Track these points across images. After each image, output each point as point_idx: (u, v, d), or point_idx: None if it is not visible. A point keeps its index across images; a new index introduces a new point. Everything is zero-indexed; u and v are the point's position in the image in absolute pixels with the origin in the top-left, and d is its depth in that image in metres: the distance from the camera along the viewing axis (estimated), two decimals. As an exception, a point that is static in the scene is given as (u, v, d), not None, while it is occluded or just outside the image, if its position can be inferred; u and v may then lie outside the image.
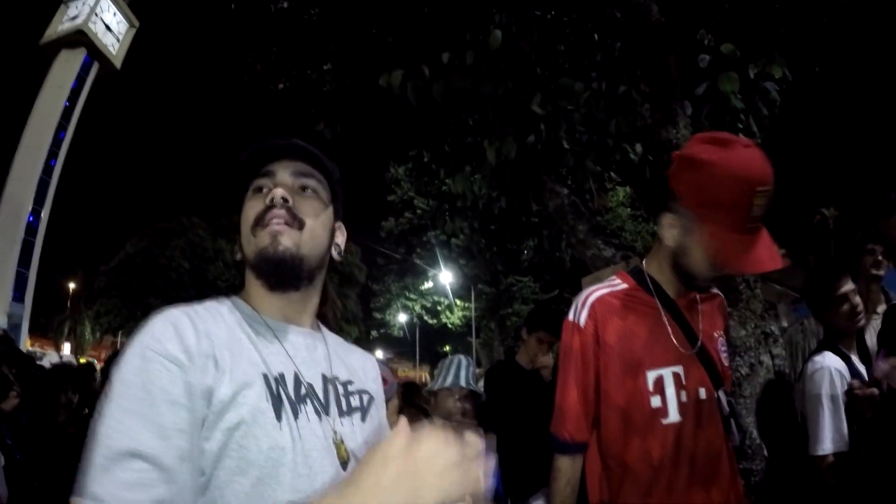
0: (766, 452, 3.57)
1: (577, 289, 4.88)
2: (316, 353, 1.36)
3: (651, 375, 1.96)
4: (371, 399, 1.42)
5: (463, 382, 2.85)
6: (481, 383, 4.16)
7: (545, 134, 5.11)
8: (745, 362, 3.69)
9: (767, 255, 1.84)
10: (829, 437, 2.82)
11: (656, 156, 4.78)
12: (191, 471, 1.06)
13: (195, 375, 1.10)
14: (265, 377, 1.19)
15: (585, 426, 2.03)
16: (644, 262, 2.12)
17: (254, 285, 1.35)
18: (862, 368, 3.01)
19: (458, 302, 31.65)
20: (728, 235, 1.82)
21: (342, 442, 1.26)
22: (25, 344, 46.69)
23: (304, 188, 1.36)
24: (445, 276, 28.29)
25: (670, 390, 1.96)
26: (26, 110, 61.66)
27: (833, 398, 2.86)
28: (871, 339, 3.22)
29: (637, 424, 1.96)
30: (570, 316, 2.07)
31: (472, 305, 29.04)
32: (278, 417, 1.16)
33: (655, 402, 1.95)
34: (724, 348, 2.11)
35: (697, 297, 2.09)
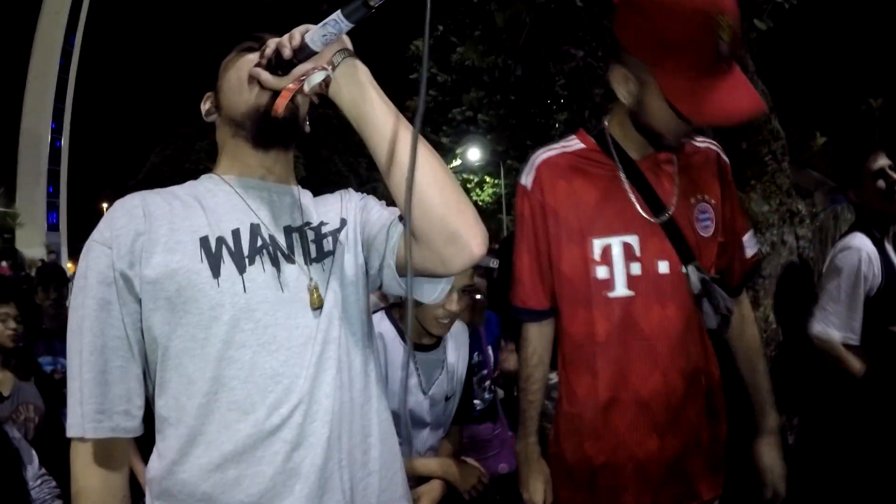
0: (782, 338, 3.44)
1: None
2: (283, 204, 1.36)
3: (597, 244, 1.79)
4: (345, 231, 1.39)
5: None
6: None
7: (558, -8, 4.82)
8: (766, 240, 3.46)
9: (745, 95, 1.57)
10: (835, 324, 2.65)
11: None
12: (129, 340, 1.21)
13: (119, 252, 1.20)
14: (203, 239, 1.22)
15: (542, 292, 1.90)
16: (606, 120, 1.89)
17: (233, 144, 1.36)
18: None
19: (488, 179, 31.45)
20: (689, 79, 1.55)
21: (316, 288, 1.27)
22: (68, 270, 47.92)
23: None
24: (473, 154, 27.94)
25: (618, 261, 1.77)
26: (28, 41, 60.90)
27: (855, 282, 2.65)
28: None
29: (581, 295, 1.81)
30: (521, 178, 1.92)
31: (502, 182, 28.80)
32: (215, 274, 1.19)
33: (601, 272, 1.78)
34: (704, 216, 1.85)
35: (673, 157, 1.84)
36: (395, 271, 1.31)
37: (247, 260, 1.23)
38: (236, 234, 1.25)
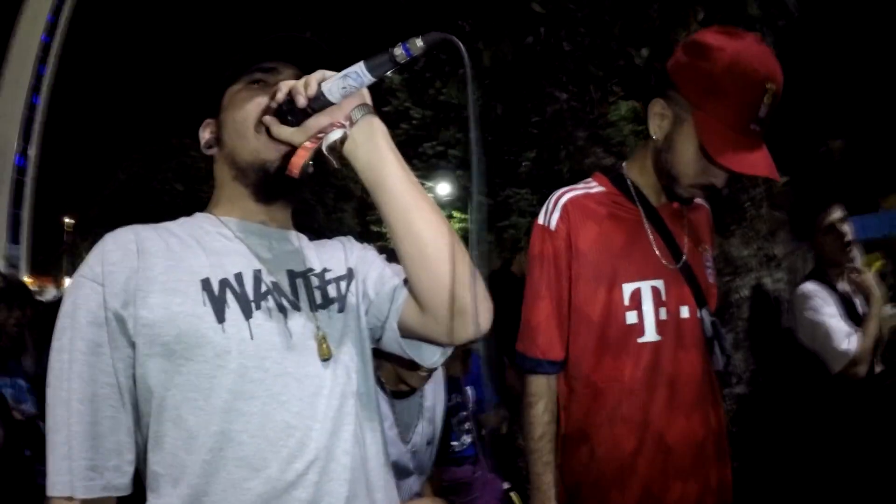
0: (760, 378, 3.52)
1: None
2: (284, 249, 1.31)
3: (627, 288, 1.79)
4: (350, 280, 1.34)
5: None
6: None
7: (544, 35, 4.88)
8: (745, 284, 3.60)
9: (766, 162, 1.69)
10: (836, 341, 2.74)
11: (662, 61, 4.62)
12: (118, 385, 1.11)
13: (111, 290, 1.12)
14: (205, 282, 1.15)
15: (559, 342, 1.84)
16: (625, 164, 1.93)
17: (232, 186, 1.29)
18: (857, 301, 2.92)
19: (456, 214, 31.62)
20: (724, 128, 1.64)
21: (325, 337, 1.21)
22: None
23: None
24: (443, 188, 28.05)
25: (648, 306, 1.78)
26: (3, 47, 60.34)
27: (819, 308, 2.82)
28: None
29: (610, 341, 1.79)
30: (540, 219, 1.88)
31: (470, 217, 28.96)
32: (220, 319, 1.12)
33: (631, 317, 1.78)
34: (709, 264, 1.95)
35: (682, 207, 1.92)
36: (397, 333, 1.26)
37: (252, 305, 1.17)
38: (239, 277, 1.19)
